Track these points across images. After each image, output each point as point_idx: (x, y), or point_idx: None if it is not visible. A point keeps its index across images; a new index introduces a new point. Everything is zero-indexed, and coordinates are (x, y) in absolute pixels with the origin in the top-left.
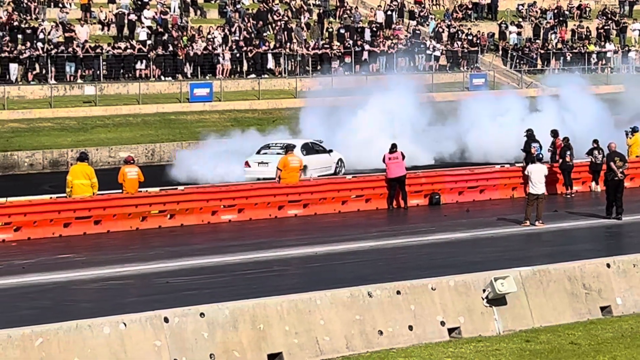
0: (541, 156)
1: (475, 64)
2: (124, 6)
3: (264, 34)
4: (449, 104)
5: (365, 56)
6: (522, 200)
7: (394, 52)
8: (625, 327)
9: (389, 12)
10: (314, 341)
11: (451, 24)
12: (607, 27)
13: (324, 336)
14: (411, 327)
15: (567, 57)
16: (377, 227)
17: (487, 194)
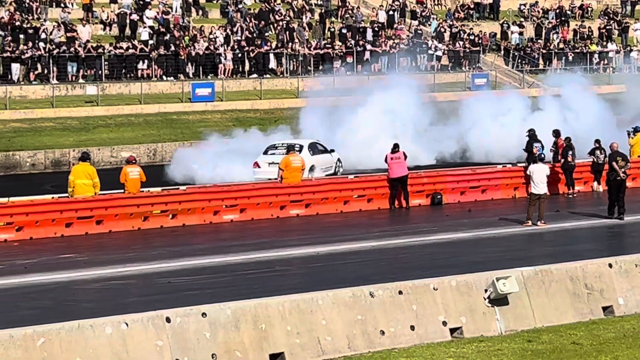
0: (543, 156)
1: (477, 64)
2: (126, 6)
3: (265, 34)
4: (450, 104)
5: (367, 56)
6: (524, 200)
7: (396, 52)
8: (627, 327)
9: (391, 12)
10: (316, 341)
11: (453, 24)
12: (609, 27)
13: (325, 336)
14: (413, 327)
15: (569, 57)
16: (379, 227)
17: (489, 194)
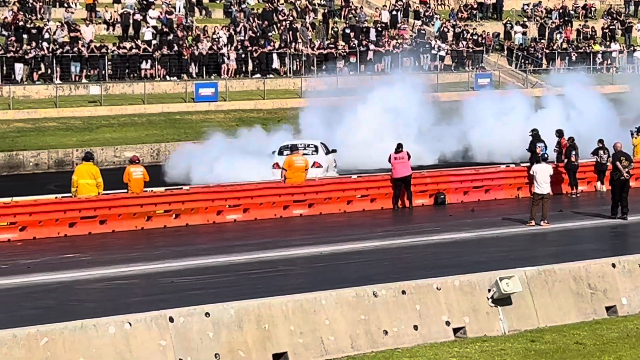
0: (546, 156)
1: (480, 64)
2: (129, 6)
3: (269, 34)
4: (453, 104)
5: (370, 56)
6: (528, 200)
7: (399, 52)
8: (630, 327)
9: (394, 12)
10: (319, 341)
11: (456, 24)
12: (612, 27)
13: (329, 336)
14: (416, 327)
15: (572, 57)
16: (382, 227)
17: (492, 193)
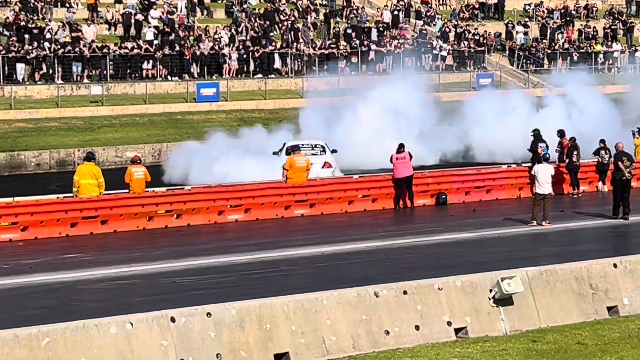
0: (548, 156)
1: (481, 64)
2: (131, 6)
3: (270, 34)
4: (454, 103)
5: (371, 56)
6: (529, 200)
7: (401, 52)
8: (632, 327)
9: (396, 12)
10: (321, 341)
11: (458, 24)
12: (613, 27)
13: (330, 336)
14: (418, 327)
15: (574, 57)
16: (384, 227)
17: (494, 194)
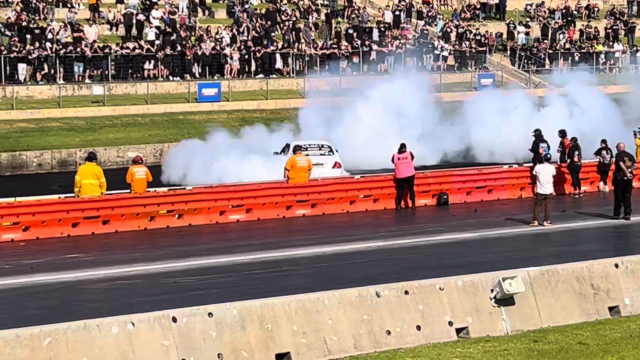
0: (549, 156)
1: (483, 64)
2: (132, 6)
3: (272, 34)
4: (455, 103)
5: (373, 56)
6: (530, 200)
7: (402, 52)
8: (633, 327)
9: (397, 12)
10: (322, 341)
11: (459, 24)
12: (615, 27)
13: (331, 336)
14: (419, 327)
15: (575, 57)
16: (385, 227)
17: (495, 194)
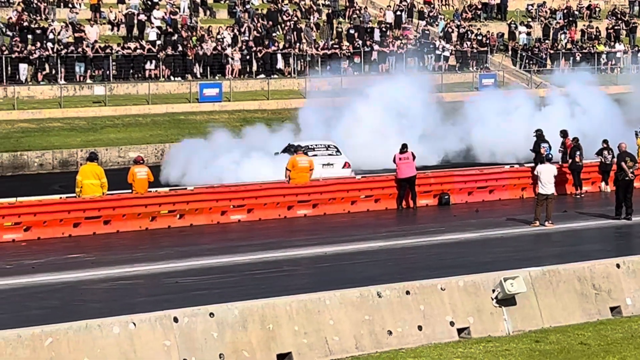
0: (550, 156)
1: (484, 64)
2: (134, 6)
3: (273, 34)
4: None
5: (374, 56)
6: (532, 200)
7: (403, 52)
8: (635, 327)
9: (398, 12)
10: (323, 341)
11: (460, 24)
12: (616, 27)
13: (333, 336)
14: (420, 327)
15: (577, 57)
16: (387, 227)
17: (497, 194)
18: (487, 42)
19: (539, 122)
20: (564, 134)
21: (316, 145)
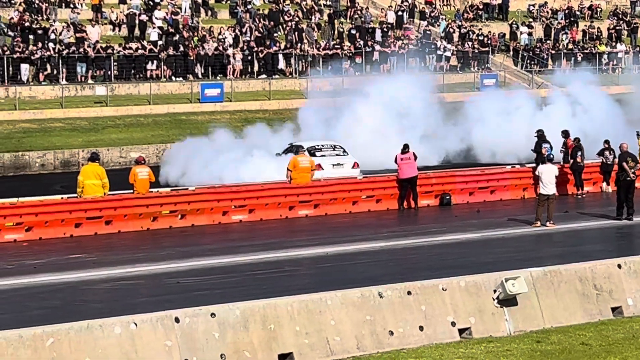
0: (552, 156)
1: (486, 65)
2: (135, 7)
3: (274, 35)
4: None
5: (375, 56)
6: (533, 200)
7: (405, 53)
8: (636, 327)
9: (400, 13)
10: (325, 341)
11: (462, 25)
12: (618, 27)
13: (334, 336)
14: (422, 328)
15: (578, 58)
16: (388, 228)
17: (498, 194)
18: (489, 42)
19: (540, 122)
20: (566, 134)
21: (323, 145)
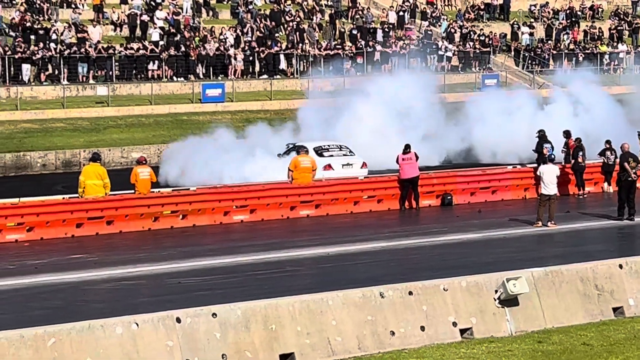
0: (553, 157)
1: (487, 65)
2: (136, 7)
3: (276, 35)
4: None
5: (377, 57)
6: (534, 201)
7: (406, 53)
8: (637, 328)
9: (401, 13)
10: (326, 342)
11: (463, 25)
12: (619, 27)
13: (335, 337)
14: (423, 328)
15: (579, 58)
16: (389, 228)
17: (499, 194)
18: (490, 42)
19: (541, 122)
20: (567, 134)
21: (330, 145)
